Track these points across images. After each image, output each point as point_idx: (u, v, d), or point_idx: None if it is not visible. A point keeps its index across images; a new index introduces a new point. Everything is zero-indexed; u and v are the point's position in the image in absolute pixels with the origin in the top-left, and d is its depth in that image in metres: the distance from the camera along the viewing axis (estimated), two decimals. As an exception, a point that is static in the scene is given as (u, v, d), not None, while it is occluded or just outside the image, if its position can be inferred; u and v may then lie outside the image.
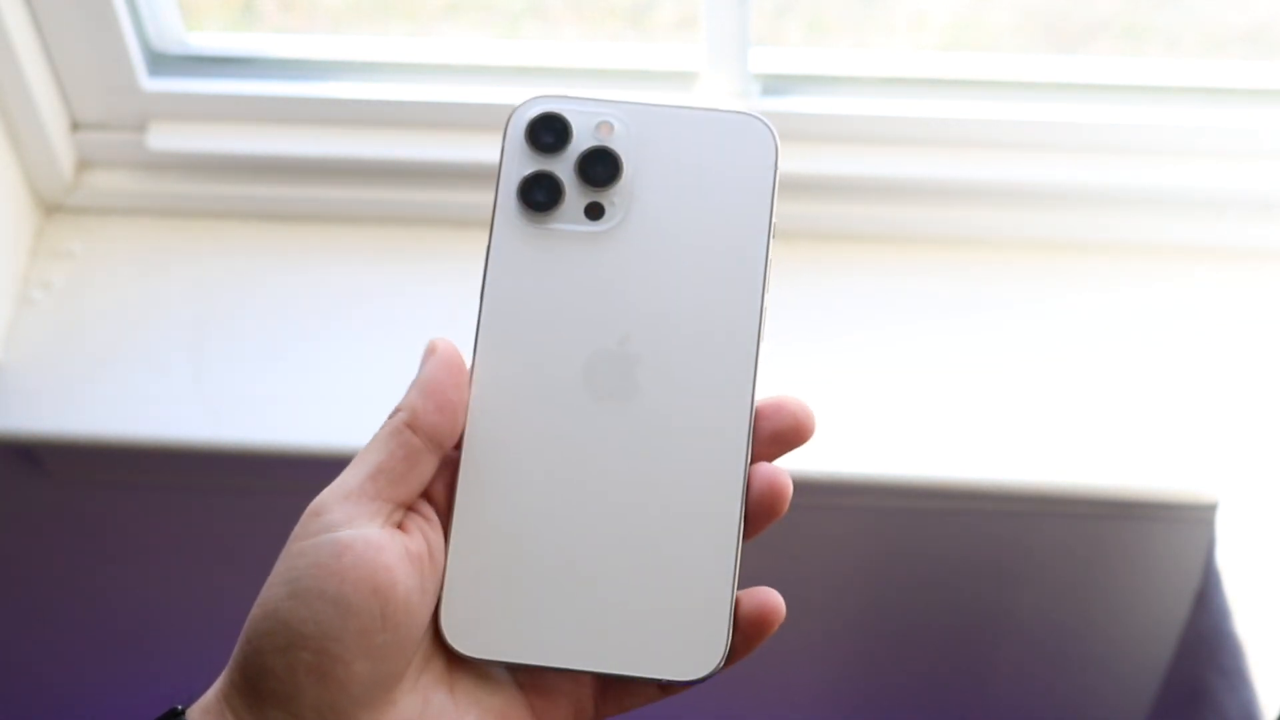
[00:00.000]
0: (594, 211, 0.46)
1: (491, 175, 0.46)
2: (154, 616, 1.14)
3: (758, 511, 0.44)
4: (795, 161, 0.97)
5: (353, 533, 0.41)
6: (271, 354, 0.97)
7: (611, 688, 0.45)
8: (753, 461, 0.44)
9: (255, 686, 0.41)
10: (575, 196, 0.46)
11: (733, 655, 0.44)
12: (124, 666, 1.18)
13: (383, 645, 0.41)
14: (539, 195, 0.46)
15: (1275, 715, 0.80)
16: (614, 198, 0.46)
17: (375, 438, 0.43)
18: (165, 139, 1.00)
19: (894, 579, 1.06)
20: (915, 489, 0.92)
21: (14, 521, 1.09)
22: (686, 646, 0.43)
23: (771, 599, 0.44)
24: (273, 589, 0.41)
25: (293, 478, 0.96)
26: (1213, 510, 0.90)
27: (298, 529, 0.42)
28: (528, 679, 0.44)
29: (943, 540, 1.02)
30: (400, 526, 0.43)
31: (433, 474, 0.44)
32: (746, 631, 0.44)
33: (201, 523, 1.07)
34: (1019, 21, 1.11)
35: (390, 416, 0.44)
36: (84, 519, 1.08)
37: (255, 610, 0.41)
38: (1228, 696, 0.85)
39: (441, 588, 0.43)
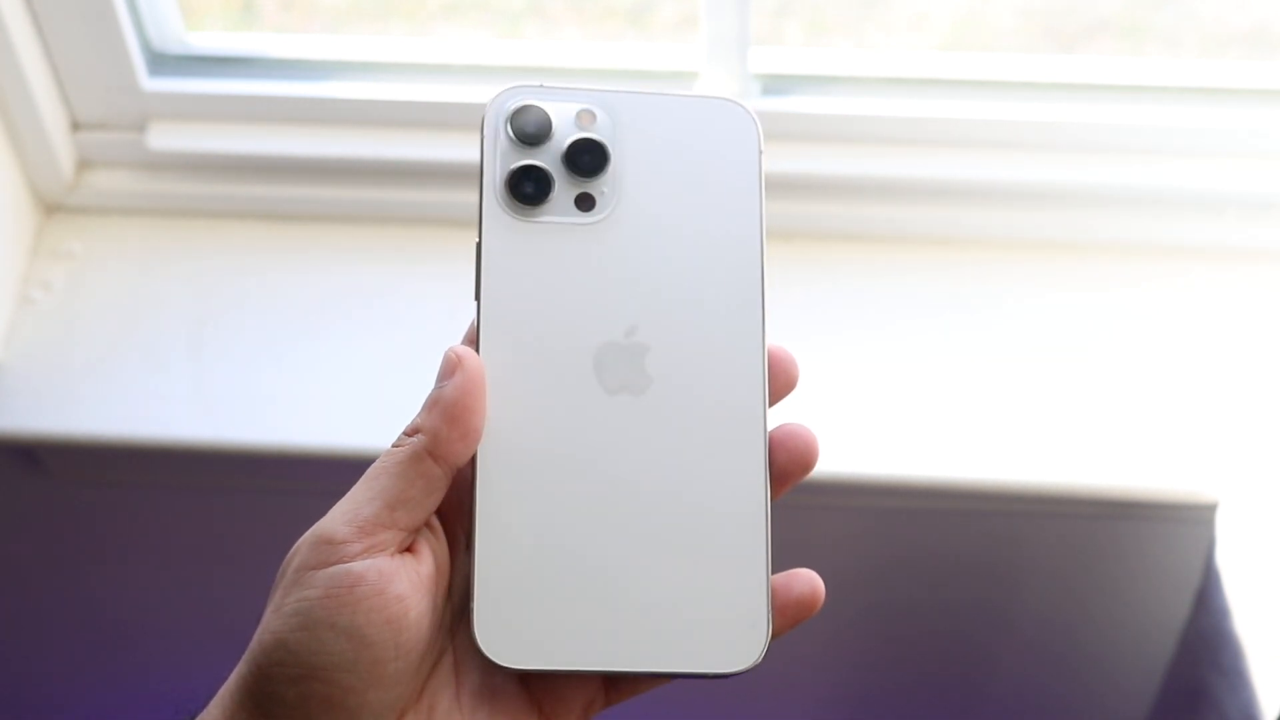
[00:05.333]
0: (584, 202, 0.45)
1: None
2: (154, 616, 1.14)
3: (790, 469, 0.45)
4: (795, 161, 0.97)
5: (366, 563, 0.40)
6: (271, 354, 0.96)
7: (624, 677, 0.44)
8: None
9: (266, 711, 0.40)
10: (564, 188, 0.45)
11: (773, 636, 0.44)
12: (123, 666, 1.18)
13: (395, 672, 0.40)
14: (528, 188, 0.45)
15: (1275, 715, 0.80)
16: (603, 187, 0.45)
17: (392, 461, 0.42)
18: (165, 139, 1.00)
19: (894, 579, 1.06)
20: (915, 489, 0.92)
21: (14, 521, 1.09)
22: (728, 637, 0.43)
23: (814, 583, 0.44)
24: (282, 617, 0.40)
25: (293, 478, 0.96)
26: (1213, 510, 0.90)
27: (307, 555, 0.41)
28: (537, 677, 0.43)
29: (943, 540, 1.02)
30: (409, 547, 0.42)
31: (445, 494, 0.42)
32: (791, 614, 0.44)
33: (201, 523, 1.07)
34: (1019, 21, 1.11)
35: (406, 435, 0.42)
36: (84, 519, 1.08)
37: (265, 636, 0.41)
38: (1228, 696, 0.85)
39: (472, 600, 0.42)
